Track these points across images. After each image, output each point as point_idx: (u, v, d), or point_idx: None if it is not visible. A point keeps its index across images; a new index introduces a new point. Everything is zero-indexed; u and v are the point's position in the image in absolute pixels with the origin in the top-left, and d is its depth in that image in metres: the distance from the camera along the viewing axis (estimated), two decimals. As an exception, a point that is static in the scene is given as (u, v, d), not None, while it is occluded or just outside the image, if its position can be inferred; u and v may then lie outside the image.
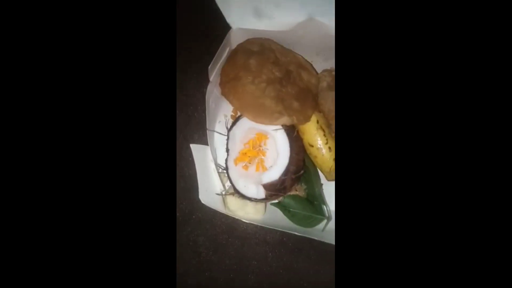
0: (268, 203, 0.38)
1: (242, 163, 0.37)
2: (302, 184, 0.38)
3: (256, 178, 0.35)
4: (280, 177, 0.33)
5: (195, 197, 0.45)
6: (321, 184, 0.38)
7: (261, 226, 0.44)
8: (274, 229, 0.43)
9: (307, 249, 0.43)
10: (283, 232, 0.43)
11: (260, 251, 0.44)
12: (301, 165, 0.34)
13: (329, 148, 0.34)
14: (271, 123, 0.33)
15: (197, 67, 0.44)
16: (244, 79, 0.34)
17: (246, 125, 0.36)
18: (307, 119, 0.34)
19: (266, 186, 0.34)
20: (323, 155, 0.35)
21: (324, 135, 0.34)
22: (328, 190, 0.39)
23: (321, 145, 0.35)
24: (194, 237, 0.44)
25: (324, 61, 0.39)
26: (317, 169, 0.38)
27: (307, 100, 0.35)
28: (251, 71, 0.34)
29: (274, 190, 0.33)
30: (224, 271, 0.44)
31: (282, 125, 0.34)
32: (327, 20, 0.33)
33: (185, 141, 0.45)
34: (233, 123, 0.37)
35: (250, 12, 0.34)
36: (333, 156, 0.35)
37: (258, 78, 0.34)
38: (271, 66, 0.34)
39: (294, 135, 0.34)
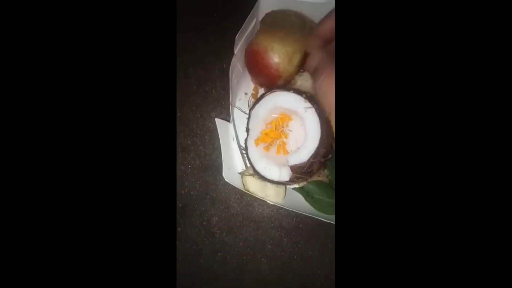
0: (289, 187, 0.37)
1: (264, 143, 0.35)
2: (326, 170, 0.36)
3: (279, 160, 0.33)
4: (309, 159, 0.31)
5: (210, 176, 0.44)
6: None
7: (277, 211, 0.42)
8: (290, 214, 0.41)
9: (324, 237, 0.42)
10: (299, 218, 0.42)
11: (275, 236, 0.43)
12: (329, 148, 0.32)
13: None
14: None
15: (219, 42, 0.42)
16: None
17: (271, 103, 0.34)
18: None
19: (294, 168, 0.32)
20: None
21: None
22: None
23: None
24: (208, 217, 0.43)
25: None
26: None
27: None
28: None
29: (301, 172, 0.31)
30: (237, 253, 0.43)
31: (313, 105, 0.31)
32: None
33: (202, 119, 0.43)
34: (257, 101, 0.35)
35: None
36: None
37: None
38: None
39: (324, 116, 0.31)
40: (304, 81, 0.35)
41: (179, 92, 0.43)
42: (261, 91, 0.39)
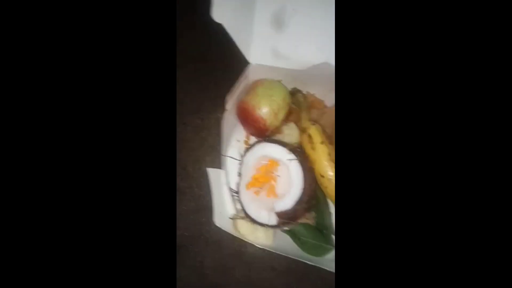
0: (279, 230, 0.39)
1: (254, 188, 0.38)
2: (313, 212, 0.38)
3: (268, 204, 0.36)
4: (293, 206, 0.34)
5: (204, 218, 0.45)
6: (330, 213, 0.39)
7: (269, 252, 0.44)
8: (282, 256, 0.43)
9: (315, 279, 0.43)
10: (291, 259, 0.44)
11: (267, 277, 0.44)
12: (312, 195, 0.35)
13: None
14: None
15: (214, 93, 0.46)
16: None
17: (260, 152, 0.37)
18: None
19: (279, 214, 0.34)
20: (333, 185, 0.36)
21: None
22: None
23: (332, 177, 0.35)
24: (201, 258, 0.44)
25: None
26: (326, 199, 0.39)
27: None
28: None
29: (287, 218, 0.34)
30: (230, 295, 0.43)
31: (296, 156, 0.35)
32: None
33: (198, 163, 0.47)
34: (247, 149, 0.38)
35: (268, 51, 0.36)
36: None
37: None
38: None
39: (307, 166, 0.35)
40: (290, 130, 0.39)
41: (177, 138, 0.47)
42: (252, 138, 0.43)
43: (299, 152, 0.36)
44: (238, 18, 0.35)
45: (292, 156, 0.35)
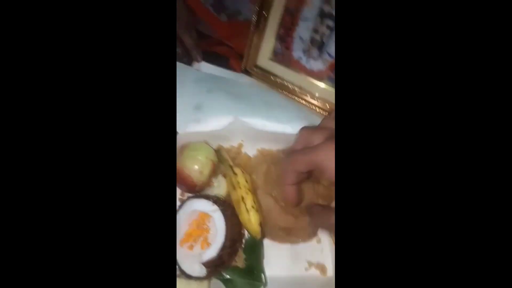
0: (213, 279, 0.41)
1: (187, 243, 0.41)
2: (242, 254, 0.42)
3: (198, 257, 0.39)
4: (217, 253, 0.37)
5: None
6: (259, 253, 0.43)
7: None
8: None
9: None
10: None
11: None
12: (236, 238, 0.39)
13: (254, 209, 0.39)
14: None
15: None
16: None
17: (189, 208, 0.41)
18: None
19: (206, 264, 0.37)
20: (255, 218, 0.39)
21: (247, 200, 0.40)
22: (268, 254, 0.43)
23: (251, 208, 0.39)
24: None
25: (250, 147, 0.49)
26: (256, 239, 0.42)
27: None
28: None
29: (214, 266, 0.37)
30: None
31: (219, 206, 0.40)
32: (249, 119, 0.45)
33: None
34: (179, 208, 0.42)
35: (192, 121, 0.46)
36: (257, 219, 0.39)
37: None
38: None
39: (229, 212, 0.40)
40: (218, 182, 0.45)
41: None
42: (187, 194, 0.48)
43: (222, 201, 0.41)
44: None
45: (215, 207, 0.40)
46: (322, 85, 0.50)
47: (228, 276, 0.40)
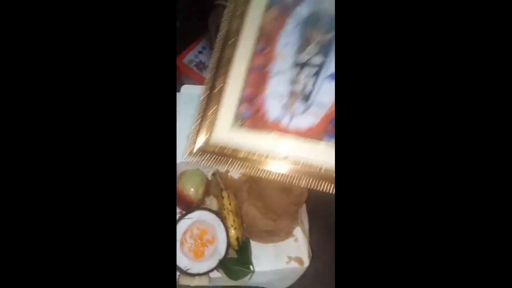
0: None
1: (189, 246, 0.52)
2: (236, 253, 0.54)
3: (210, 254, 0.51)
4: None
5: None
6: (250, 250, 0.55)
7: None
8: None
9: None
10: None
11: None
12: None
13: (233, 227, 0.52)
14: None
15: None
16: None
17: (191, 215, 0.53)
18: None
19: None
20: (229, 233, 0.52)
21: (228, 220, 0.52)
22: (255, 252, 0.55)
23: (234, 224, 0.52)
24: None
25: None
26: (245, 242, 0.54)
27: None
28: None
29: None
30: None
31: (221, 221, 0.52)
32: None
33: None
34: (184, 215, 0.54)
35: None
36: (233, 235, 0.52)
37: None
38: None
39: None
40: (210, 201, 0.58)
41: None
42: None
43: (222, 217, 0.54)
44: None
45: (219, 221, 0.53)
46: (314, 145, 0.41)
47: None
